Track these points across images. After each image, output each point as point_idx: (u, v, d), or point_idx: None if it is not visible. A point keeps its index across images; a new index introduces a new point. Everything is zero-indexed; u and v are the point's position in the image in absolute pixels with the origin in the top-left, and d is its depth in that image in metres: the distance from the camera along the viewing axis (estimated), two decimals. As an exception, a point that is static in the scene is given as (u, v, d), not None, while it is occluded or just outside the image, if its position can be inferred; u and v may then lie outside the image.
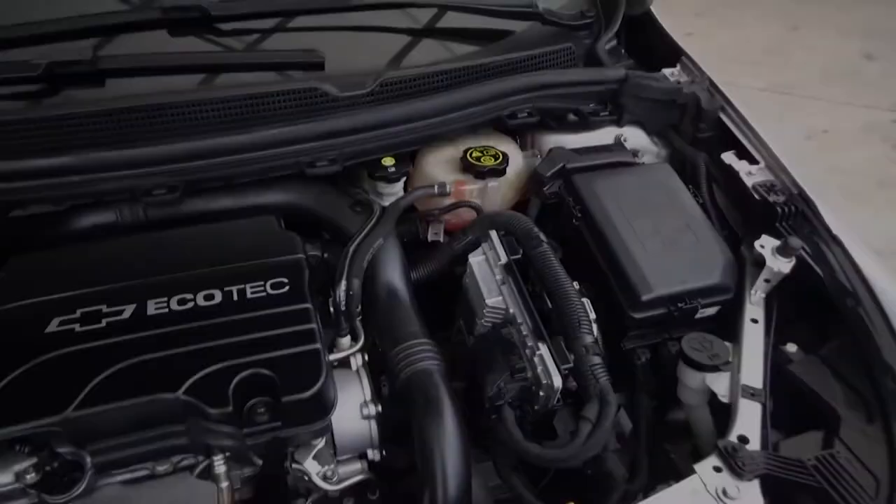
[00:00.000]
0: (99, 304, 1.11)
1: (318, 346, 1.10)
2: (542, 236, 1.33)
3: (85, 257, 1.22)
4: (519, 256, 1.32)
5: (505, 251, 1.32)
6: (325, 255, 1.34)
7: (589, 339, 1.18)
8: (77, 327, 1.08)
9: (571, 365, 1.15)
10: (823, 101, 4.69)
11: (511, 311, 1.25)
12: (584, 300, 1.25)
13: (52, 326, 1.08)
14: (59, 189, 1.28)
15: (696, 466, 1.05)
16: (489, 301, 1.27)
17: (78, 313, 1.10)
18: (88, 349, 1.06)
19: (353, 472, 1.19)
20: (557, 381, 1.13)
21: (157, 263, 1.20)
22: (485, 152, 1.53)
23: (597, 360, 1.17)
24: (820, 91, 4.77)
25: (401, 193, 1.51)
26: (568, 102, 1.62)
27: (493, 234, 1.36)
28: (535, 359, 1.16)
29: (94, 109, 1.32)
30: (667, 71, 1.76)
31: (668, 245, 1.36)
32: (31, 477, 0.99)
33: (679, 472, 1.34)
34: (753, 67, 4.93)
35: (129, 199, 1.33)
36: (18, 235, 1.34)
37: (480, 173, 1.49)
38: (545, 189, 1.51)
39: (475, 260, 1.34)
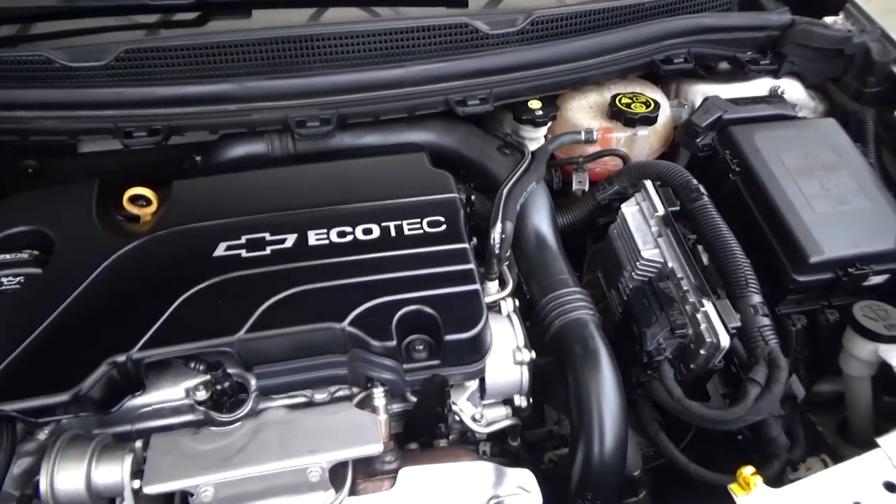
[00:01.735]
0: (262, 232, 1.12)
1: (477, 287, 1.08)
2: (702, 188, 1.27)
3: (243, 185, 1.23)
4: (677, 208, 1.25)
5: (662, 202, 1.26)
6: (473, 198, 1.31)
7: (757, 299, 1.12)
8: (243, 253, 1.10)
9: (739, 324, 1.09)
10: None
11: (670, 264, 1.19)
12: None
13: (220, 251, 1.10)
14: (216, 117, 1.29)
15: (880, 440, 0.98)
16: (645, 253, 1.22)
17: (243, 239, 1.11)
18: (256, 275, 1.07)
19: (498, 416, 1.18)
20: (725, 341, 1.07)
21: (313, 195, 1.20)
22: (635, 99, 1.45)
23: (765, 321, 1.11)
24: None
25: (542, 139, 1.46)
26: (726, 48, 1.51)
27: (649, 184, 1.30)
28: (699, 316, 1.11)
29: (249, 38, 1.31)
30: (828, 19, 1.63)
31: (837, 206, 1.26)
32: (200, 394, 1.02)
33: (828, 445, 1.29)
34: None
35: (280, 131, 1.33)
36: (176, 162, 1.38)
37: (630, 120, 1.42)
38: (698, 140, 1.42)
39: (628, 210, 1.29)
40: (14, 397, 0.95)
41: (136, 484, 0.94)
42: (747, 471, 0.91)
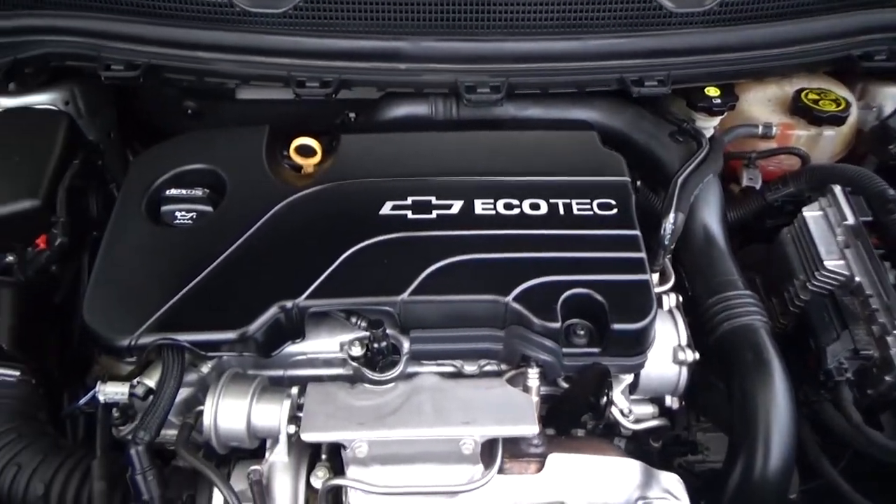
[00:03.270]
0: (428, 195, 1.11)
1: (648, 277, 1.02)
2: (901, 201, 1.15)
3: (410, 145, 1.21)
4: (869, 219, 1.15)
5: (852, 210, 1.15)
6: (638, 183, 1.25)
7: (960, 329, 1.01)
8: (409, 214, 1.08)
9: (937, 354, 0.99)
10: None
11: (857, 279, 1.09)
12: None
13: (386, 209, 1.09)
14: (386, 74, 1.28)
15: None
16: (829, 263, 1.12)
17: (409, 200, 1.10)
18: (421, 238, 1.05)
19: (644, 413, 1.13)
20: (920, 369, 0.98)
21: (480, 163, 1.17)
22: (823, 95, 1.34)
23: (970, 354, 1.00)
24: None
25: (712, 129, 1.37)
26: (933, 49, 1.37)
27: (838, 189, 1.19)
28: (889, 339, 1.01)
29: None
30: None
31: None
32: (355, 350, 1.02)
33: None
34: None
35: (445, 94, 1.31)
36: (329, 117, 1.38)
37: (818, 118, 1.31)
38: (891, 148, 1.30)
39: (810, 215, 1.19)
40: (185, 329, 0.98)
41: (292, 429, 0.95)
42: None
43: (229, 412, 0.95)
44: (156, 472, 0.90)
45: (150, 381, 0.98)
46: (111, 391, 0.97)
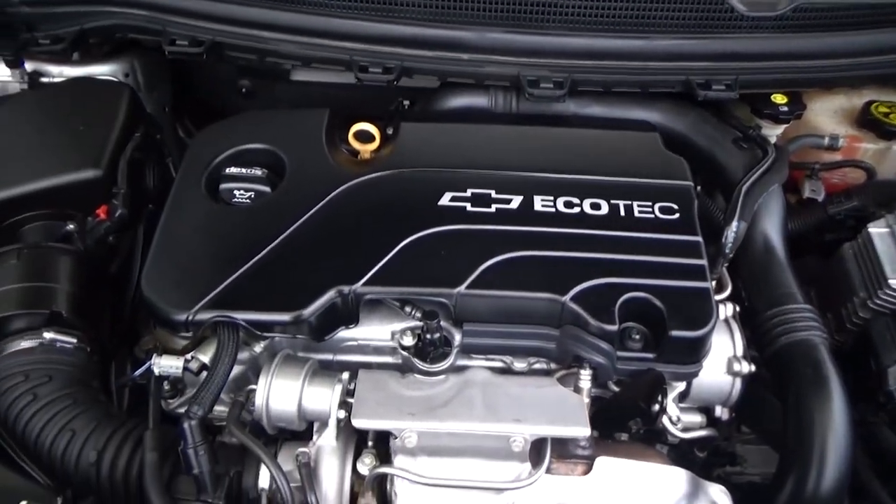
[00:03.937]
0: (488, 188, 1.10)
1: (709, 285, 1.01)
2: (973, 222, 1.12)
3: (471, 137, 1.20)
4: (938, 239, 1.12)
5: (921, 229, 1.12)
6: (698, 189, 1.23)
7: None
8: (468, 206, 1.08)
9: None
10: None
11: (924, 300, 1.07)
12: None
13: (445, 200, 1.08)
14: (449, 64, 1.27)
15: None
16: (894, 282, 1.09)
17: (469, 192, 1.09)
18: (480, 231, 1.05)
19: (693, 423, 1.11)
20: None
21: (541, 159, 1.16)
22: (894, 109, 1.30)
23: None
24: None
25: (775, 138, 1.34)
26: None
27: (908, 206, 1.16)
28: (956, 364, 0.99)
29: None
30: None
31: None
32: (407, 340, 1.02)
33: None
34: None
35: (506, 87, 1.29)
36: (381, 103, 1.37)
37: (889, 132, 1.28)
38: (962, 167, 1.26)
39: (876, 231, 1.16)
40: (242, 308, 0.98)
41: (342, 414, 0.95)
42: None
43: (281, 393, 0.95)
44: (207, 447, 0.91)
45: (204, 357, 0.99)
46: (166, 364, 0.98)
